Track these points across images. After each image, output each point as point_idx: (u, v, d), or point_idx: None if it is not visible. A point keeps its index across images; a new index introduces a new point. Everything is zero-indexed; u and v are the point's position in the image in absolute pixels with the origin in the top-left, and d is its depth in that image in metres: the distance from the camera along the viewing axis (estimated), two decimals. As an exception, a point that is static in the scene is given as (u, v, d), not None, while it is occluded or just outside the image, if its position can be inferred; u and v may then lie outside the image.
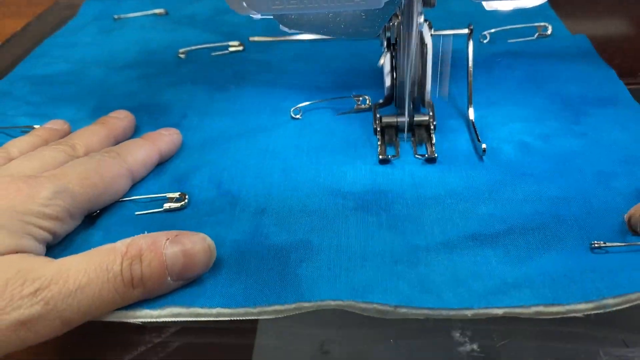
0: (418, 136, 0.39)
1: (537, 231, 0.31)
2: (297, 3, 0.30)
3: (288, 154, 0.39)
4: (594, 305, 0.27)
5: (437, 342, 0.27)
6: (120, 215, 0.34)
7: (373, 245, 0.31)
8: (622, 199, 0.33)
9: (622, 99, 0.42)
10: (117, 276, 0.26)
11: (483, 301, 0.27)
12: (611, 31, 0.56)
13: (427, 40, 0.37)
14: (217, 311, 0.28)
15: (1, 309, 0.24)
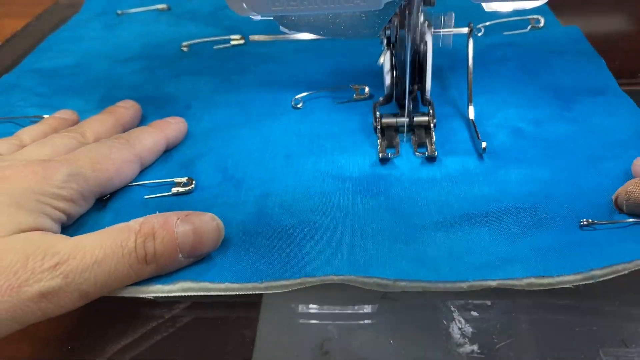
0: (418, 134, 0.39)
1: (529, 211, 0.32)
2: (297, 4, 0.31)
3: (290, 141, 0.40)
4: (582, 276, 0.28)
5: (437, 343, 0.27)
6: (129, 198, 0.35)
7: (372, 225, 0.32)
8: (610, 181, 0.34)
9: (611, 88, 0.43)
10: (132, 252, 0.28)
11: (477, 274, 0.29)
12: (611, 31, 0.56)
13: (427, 39, 0.37)
14: (226, 286, 0.29)
15: (23, 281, 0.25)
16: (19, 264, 0.26)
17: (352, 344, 0.27)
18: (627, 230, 0.30)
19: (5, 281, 0.25)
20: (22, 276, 0.25)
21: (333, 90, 0.46)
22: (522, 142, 0.38)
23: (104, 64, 0.54)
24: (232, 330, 0.29)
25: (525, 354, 0.26)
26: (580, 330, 0.27)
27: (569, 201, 0.33)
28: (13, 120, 0.45)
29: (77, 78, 0.51)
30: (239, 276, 0.29)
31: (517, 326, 0.28)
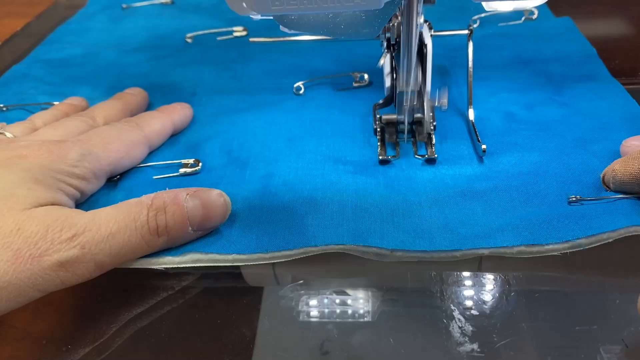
0: (418, 136, 0.39)
1: (520, 188, 0.34)
2: (297, 4, 0.31)
3: (292, 126, 0.42)
4: (570, 245, 0.30)
5: (437, 342, 0.27)
6: (139, 178, 0.37)
7: (371, 200, 0.34)
8: (598, 161, 0.36)
9: (601, 75, 0.45)
10: (144, 225, 0.29)
11: (470, 243, 0.30)
12: (611, 31, 0.56)
13: (427, 41, 0.37)
14: (233, 257, 0.31)
15: (44, 251, 0.27)
16: (39, 235, 0.27)
17: (352, 344, 0.27)
18: (612, 204, 0.32)
19: (27, 251, 0.26)
20: (42, 246, 0.27)
21: (333, 78, 0.48)
22: (514, 125, 0.40)
23: (111, 54, 0.55)
24: (232, 330, 0.29)
25: (525, 353, 0.26)
26: (580, 330, 0.27)
27: (558, 179, 0.35)
28: (25, 107, 0.47)
29: (86, 67, 0.53)
30: (246, 247, 0.31)
31: (517, 325, 0.28)
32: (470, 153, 0.38)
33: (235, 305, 0.30)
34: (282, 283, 0.31)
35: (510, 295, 0.29)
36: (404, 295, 0.30)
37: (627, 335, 0.27)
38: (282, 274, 0.32)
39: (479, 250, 0.30)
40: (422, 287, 0.30)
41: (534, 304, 0.29)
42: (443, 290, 0.30)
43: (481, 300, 0.29)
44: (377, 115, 0.39)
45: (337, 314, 0.29)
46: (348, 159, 0.38)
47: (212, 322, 0.29)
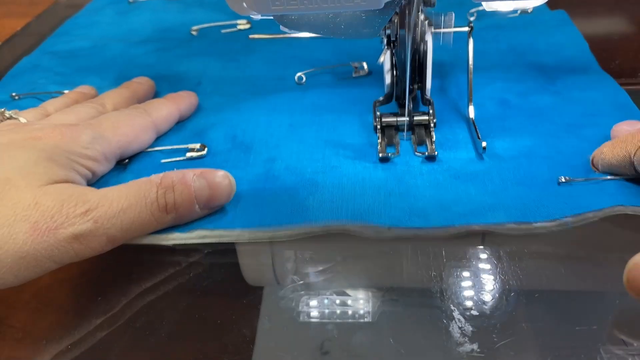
0: (418, 134, 0.39)
1: (512, 170, 0.36)
2: (297, 4, 0.31)
3: (294, 113, 0.44)
4: (557, 223, 0.32)
5: (437, 342, 0.27)
6: (147, 162, 0.39)
7: (369, 183, 0.36)
8: (587, 144, 0.37)
9: (592, 66, 0.47)
10: (154, 202, 0.31)
11: (463, 220, 0.32)
12: (611, 31, 0.56)
13: (427, 38, 0.37)
14: (238, 233, 0.33)
15: (59, 224, 0.28)
16: (55, 209, 0.28)
17: (352, 344, 0.27)
18: (599, 184, 0.34)
19: (43, 223, 0.28)
20: (58, 220, 0.28)
21: (334, 68, 0.49)
22: (508, 112, 0.42)
23: (118, 46, 0.57)
24: (232, 330, 0.29)
25: (525, 353, 0.26)
26: (580, 329, 0.27)
27: (549, 162, 0.36)
28: (36, 96, 0.48)
29: (94, 59, 0.55)
30: (250, 224, 0.33)
31: (517, 325, 0.28)
32: (465, 137, 0.39)
33: (235, 305, 0.30)
34: (282, 283, 0.31)
35: (510, 295, 0.29)
36: (404, 295, 0.30)
37: (627, 335, 0.27)
38: (282, 273, 0.32)
39: (471, 227, 0.32)
40: (422, 287, 0.30)
41: (534, 304, 0.29)
42: (443, 290, 0.30)
43: (481, 300, 0.29)
44: (377, 112, 0.39)
45: (337, 314, 0.29)
46: (348, 143, 0.40)
47: (212, 322, 0.29)
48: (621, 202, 0.32)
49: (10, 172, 0.29)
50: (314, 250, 0.33)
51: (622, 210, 0.32)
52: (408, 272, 0.32)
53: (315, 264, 0.32)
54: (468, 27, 0.41)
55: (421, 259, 0.32)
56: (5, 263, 0.27)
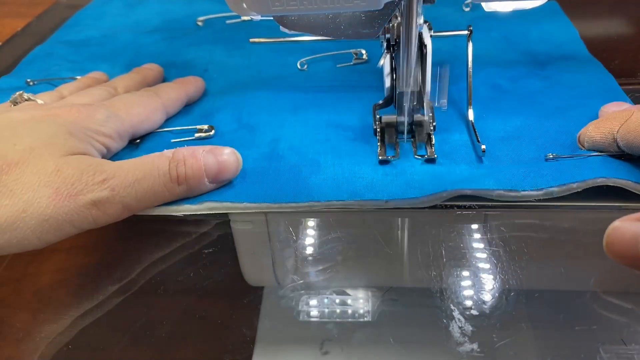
0: (418, 137, 0.39)
1: (502, 149, 0.38)
2: (297, 4, 0.31)
3: (296, 96, 0.46)
4: (543, 192, 0.34)
5: (437, 342, 0.27)
6: (158, 141, 0.41)
7: (368, 164, 0.37)
8: (574, 125, 0.39)
9: (582, 54, 0.49)
10: (166, 174, 0.33)
11: (455, 185, 0.34)
12: (611, 31, 0.56)
13: (427, 41, 0.37)
14: (244, 205, 0.35)
15: (79, 191, 0.30)
16: (75, 177, 0.30)
17: (352, 344, 0.27)
18: (584, 160, 0.35)
19: (64, 189, 0.30)
20: (77, 187, 0.30)
21: (335, 55, 0.51)
22: (499, 96, 0.44)
23: (127, 35, 0.59)
24: (232, 330, 0.29)
25: (525, 352, 0.26)
26: (580, 329, 0.27)
27: (538, 141, 0.38)
28: (50, 81, 0.50)
29: (105, 47, 0.57)
30: (255, 198, 0.35)
31: (517, 325, 0.28)
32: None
33: (235, 305, 0.30)
34: (282, 283, 0.31)
35: (510, 295, 0.29)
36: (404, 295, 0.30)
37: (627, 335, 0.27)
38: (282, 273, 0.32)
39: (463, 191, 0.34)
40: (422, 287, 0.30)
41: (534, 304, 0.29)
42: (443, 290, 0.30)
43: (481, 300, 0.29)
44: (377, 115, 0.39)
45: (337, 314, 0.29)
46: (348, 125, 0.42)
47: (212, 322, 0.29)
48: (604, 174, 0.34)
49: (33, 142, 0.31)
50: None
51: (604, 182, 0.33)
52: (408, 272, 0.32)
53: (316, 264, 0.32)
54: (467, 30, 0.41)
55: (421, 259, 0.32)
56: (29, 225, 0.29)
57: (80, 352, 0.28)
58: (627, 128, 0.33)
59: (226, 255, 0.33)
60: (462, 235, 0.33)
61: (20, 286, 0.32)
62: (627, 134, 0.33)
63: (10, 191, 0.29)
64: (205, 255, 0.33)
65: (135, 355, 0.28)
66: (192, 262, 0.33)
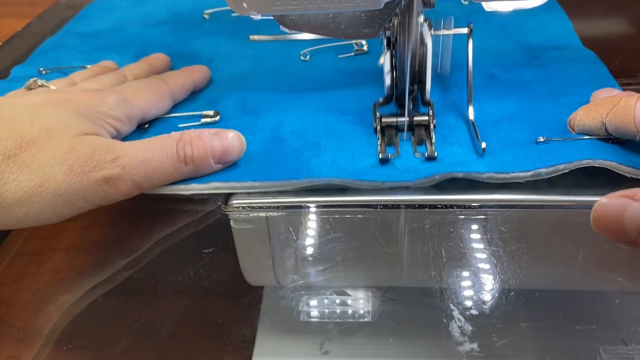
0: (418, 135, 0.39)
1: (495, 133, 0.39)
2: (297, 4, 0.31)
3: (299, 84, 0.47)
4: (532, 173, 0.35)
5: (437, 342, 0.27)
6: (166, 126, 0.42)
7: (366, 147, 0.39)
8: (565, 110, 0.40)
9: (575, 43, 0.51)
10: (174, 155, 0.34)
11: (448, 169, 0.35)
12: (611, 31, 0.56)
13: (427, 40, 0.37)
14: (249, 184, 0.36)
15: (92, 168, 0.32)
16: (88, 155, 0.32)
17: (352, 344, 0.27)
18: (573, 143, 0.36)
19: (78, 166, 0.31)
20: (90, 164, 0.32)
21: (336, 46, 0.53)
22: (494, 84, 0.45)
23: (136, 27, 0.61)
24: (232, 330, 0.29)
25: (525, 352, 0.26)
26: (580, 329, 0.27)
27: (529, 125, 0.39)
28: (62, 70, 0.52)
29: (114, 39, 0.59)
30: (259, 177, 0.36)
31: (517, 325, 0.28)
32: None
33: (235, 305, 0.30)
34: (282, 283, 0.31)
35: (510, 295, 0.29)
36: (404, 295, 0.30)
37: (627, 335, 0.27)
38: (282, 273, 0.32)
39: (455, 174, 0.35)
40: (422, 287, 0.30)
41: (534, 303, 0.29)
42: (443, 290, 0.30)
43: (481, 300, 0.29)
44: (377, 114, 0.39)
45: (337, 314, 0.29)
46: (348, 109, 0.43)
47: (212, 322, 0.29)
48: (590, 156, 0.35)
49: (49, 123, 0.33)
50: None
51: (589, 163, 0.34)
52: (408, 272, 0.32)
53: (315, 264, 0.32)
54: (467, 28, 0.41)
55: (421, 259, 0.32)
56: (45, 199, 0.31)
57: (81, 352, 0.28)
58: (615, 113, 0.34)
59: (226, 255, 0.33)
60: (462, 235, 0.33)
61: (20, 286, 0.32)
62: (615, 119, 0.34)
63: (28, 167, 0.31)
64: (205, 255, 0.33)
65: (135, 355, 0.28)
66: (192, 263, 0.33)
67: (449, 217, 0.34)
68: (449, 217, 0.34)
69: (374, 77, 0.46)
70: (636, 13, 0.59)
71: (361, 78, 0.47)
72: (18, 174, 0.30)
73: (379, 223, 0.35)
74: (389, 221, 0.35)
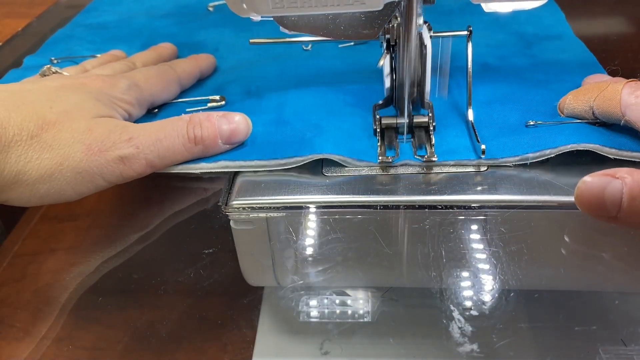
0: (417, 137, 0.39)
1: (487, 116, 0.41)
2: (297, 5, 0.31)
3: (301, 71, 0.50)
4: (519, 158, 0.37)
5: (437, 342, 0.27)
6: (174, 110, 0.44)
7: (365, 127, 0.41)
8: (555, 95, 0.41)
9: (567, 34, 0.53)
10: (184, 135, 0.37)
11: (440, 157, 0.37)
12: (611, 31, 0.56)
13: (427, 42, 0.37)
14: (255, 163, 0.38)
15: (108, 147, 0.34)
16: (104, 136, 0.34)
17: (352, 344, 0.28)
18: (560, 127, 0.38)
19: (95, 146, 0.33)
20: (107, 144, 0.34)
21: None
22: (488, 72, 0.47)
23: (142, 19, 0.64)
24: (232, 330, 0.29)
25: (525, 353, 0.26)
26: (580, 329, 0.27)
27: (520, 107, 0.41)
28: (73, 59, 0.54)
29: (122, 30, 0.61)
30: (265, 156, 0.38)
31: (517, 325, 0.28)
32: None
33: (235, 305, 0.30)
34: (282, 283, 0.31)
35: (510, 295, 0.29)
36: (404, 296, 0.30)
37: (627, 335, 0.27)
38: (282, 273, 0.32)
39: (447, 162, 0.37)
40: (422, 288, 0.30)
41: (534, 304, 0.29)
42: (443, 291, 0.30)
43: (481, 301, 0.29)
44: (377, 116, 0.39)
45: (337, 314, 0.29)
46: (348, 92, 0.45)
47: (212, 322, 0.29)
48: (575, 140, 0.36)
49: (67, 106, 0.35)
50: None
51: (574, 147, 0.36)
52: (408, 272, 0.32)
53: (315, 264, 0.32)
54: (467, 31, 0.41)
55: (421, 259, 0.32)
56: (65, 176, 0.33)
57: (81, 352, 0.28)
58: (602, 98, 0.36)
59: (226, 256, 0.33)
60: (462, 235, 0.33)
61: (20, 286, 0.32)
62: (602, 104, 0.36)
63: (49, 146, 0.32)
64: (205, 255, 0.33)
65: (135, 355, 0.28)
66: (192, 263, 0.33)
67: (448, 217, 0.34)
68: (449, 218, 0.34)
69: (373, 65, 0.47)
70: (636, 13, 0.59)
71: (361, 65, 0.50)
72: (40, 153, 0.32)
73: (378, 223, 0.35)
74: (389, 222, 0.35)
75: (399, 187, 0.36)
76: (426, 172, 0.37)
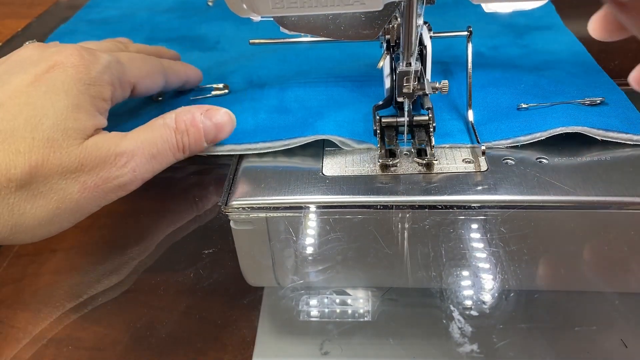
0: (417, 138, 0.39)
1: (481, 98, 0.43)
2: (297, 5, 0.31)
3: (301, 61, 0.52)
4: (511, 141, 0.39)
5: (437, 342, 0.27)
6: (180, 99, 0.47)
7: (364, 112, 0.43)
8: (546, 80, 0.45)
9: (557, 25, 0.56)
10: (174, 146, 0.36)
11: (436, 141, 0.39)
12: (610, 31, 0.56)
13: (427, 42, 0.37)
14: (261, 145, 0.40)
15: (105, 179, 0.32)
16: (98, 167, 0.32)
17: (352, 344, 0.28)
18: (549, 110, 0.41)
19: (91, 182, 0.32)
20: (102, 176, 0.32)
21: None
22: (482, 60, 0.50)
23: (144, 14, 0.66)
24: (232, 330, 0.29)
25: (525, 353, 0.26)
26: (580, 330, 0.27)
27: (512, 92, 0.44)
28: None
29: (124, 25, 0.63)
30: (269, 138, 0.40)
31: (517, 325, 0.28)
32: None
33: (235, 305, 0.30)
34: (282, 283, 0.31)
35: (510, 295, 0.29)
36: (404, 296, 0.30)
37: (627, 335, 0.27)
38: (282, 273, 0.32)
39: (442, 145, 0.39)
40: (422, 288, 0.30)
41: (534, 304, 0.29)
42: (443, 291, 0.30)
43: (481, 301, 0.29)
44: (377, 116, 0.39)
45: (337, 314, 0.29)
46: (347, 78, 0.48)
47: (212, 322, 0.29)
48: (564, 123, 0.38)
49: (47, 128, 0.31)
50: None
51: (563, 130, 0.38)
52: (408, 272, 0.32)
53: (315, 264, 0.32)
54: (467, 31, 0.41)
55: (421, 259, 0.32)
56: (64, 217, 0.32)
57: (81, 352, 0.28)
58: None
59: (226, 256, 0.33)
60: (462, 235, 0.33)
61: (20, 286, 0.32)
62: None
63: (41, 193, 0.30)
64: (205, 255, 0.33)
65: (135, 355, 0.28)
66: (192, 263, 0.33)
67: (448, 217, 0.34)
68: (449, 218, 0.34)
69: (372, 56, 0.50)
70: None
71: (360, 55, 0.51)
72: (33, 202, 0.30)
73: (378, 223, 0.35)
74: (389, 222, 0.35)
75: (398, 187, 0.36)
76: (426, 172, 0.37)
